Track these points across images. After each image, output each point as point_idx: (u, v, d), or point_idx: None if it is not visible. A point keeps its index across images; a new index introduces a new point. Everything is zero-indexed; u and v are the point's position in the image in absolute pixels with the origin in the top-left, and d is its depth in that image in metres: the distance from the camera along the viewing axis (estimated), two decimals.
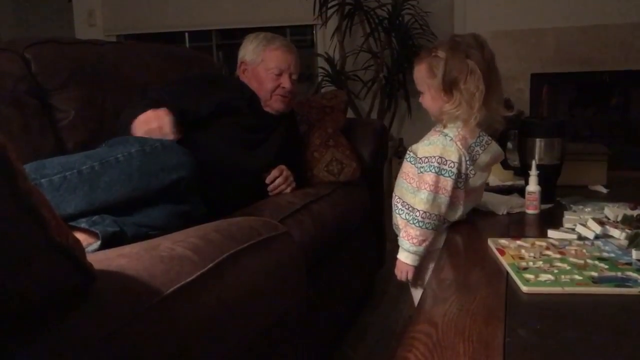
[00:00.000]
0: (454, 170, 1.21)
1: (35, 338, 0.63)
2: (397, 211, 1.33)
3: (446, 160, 1.21)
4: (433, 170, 1.21)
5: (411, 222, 1.23)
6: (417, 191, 1.24)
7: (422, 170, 1.24)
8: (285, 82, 1.73)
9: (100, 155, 1.16)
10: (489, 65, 1.23)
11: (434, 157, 1.22)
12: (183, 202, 1.24)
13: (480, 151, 1.26)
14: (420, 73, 1.30)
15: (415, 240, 1.22)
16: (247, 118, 1.67)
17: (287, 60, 1.74)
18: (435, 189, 1.21)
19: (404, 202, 1.31)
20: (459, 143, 1.23)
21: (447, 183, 1.21)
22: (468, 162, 1.24)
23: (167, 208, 1.19)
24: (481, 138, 1.26)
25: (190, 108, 1.55)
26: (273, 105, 1.75)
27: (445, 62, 1.22)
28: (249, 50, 1.77)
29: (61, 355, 0.63)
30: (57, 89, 1.52)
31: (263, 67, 1.73)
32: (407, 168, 1.31)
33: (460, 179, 1.24)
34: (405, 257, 1.24)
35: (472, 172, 1.25)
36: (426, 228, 1.21)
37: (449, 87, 1.23)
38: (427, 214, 1.20)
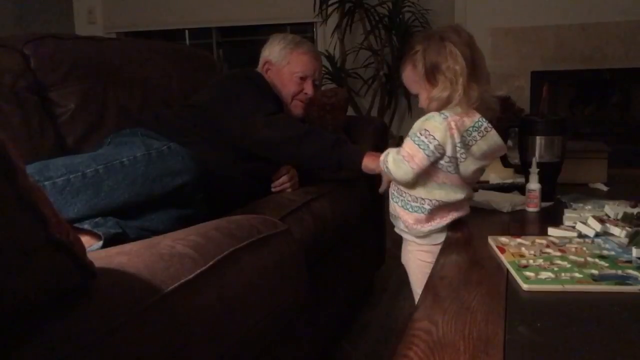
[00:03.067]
0: (431, 147, 1.18)
1: (35, 335, 0.63)
2: (393, 199, 1.32)
3: (428, 134, 1.19)
4: (412, 138, 1.21)
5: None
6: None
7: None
8: (308, 88, 1.72)
9: (105, 157, 1.15)
10: (469, 44, 1.22)
11: (421, 128, 1.21)
12: (186, 207, 1.23)
13: (478, 137, 1.21)
14: (407, 74, 1.29)
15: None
16: None
17: (313, 66, 1.74)
18: (405, 156, 1.20)
19: (399, 188, 1.30)
20: (452, 123, 1.19)
21: (419, 155, 1.19)
22: (458, 145, 1.20)
23: (170, 212, 1.19)
24: (480, 123, 1.21)
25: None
26: (292, 110, 1.74)
27: (424, 52, 1.23)
28: (275, 51, 1.75)
29: (61, 352, 0.62)
30: (57, 85, 1.52)
31: (288, 70, 1.72)
32: None
33: (449, 162, 1.21)
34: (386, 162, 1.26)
35: (463, 155, 1.21)
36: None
37: (432, 73, 1.22)
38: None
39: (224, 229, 1.05)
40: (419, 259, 1.30)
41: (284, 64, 1.73)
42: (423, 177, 1.23)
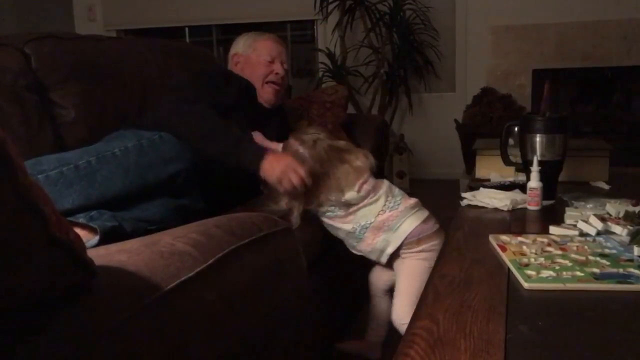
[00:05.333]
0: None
1: (36, 334, 0.62)
2: (353, 249, 1.50)
3: None
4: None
5: None
6: None
7: None
8: (278, 68, 1.78)
9: (97, 150, 1.16)
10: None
11: None
12: (181, 196, 1.24)
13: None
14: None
15: None
16: (245, 111, 1.68)
17: (277, 49, 1.81)
18: None
19: (346, 238, 1.50)
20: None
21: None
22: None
23: (165, 202, 1.19)
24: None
25: (221, 104, 1.58)
26: (264, 95, 1.77)
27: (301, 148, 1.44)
28: (239, 45, 1.85)
29: (61, 350, 0.62)
30: (57, 85, 1.52)
31: (255, 56, 1.79)
32: None
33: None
34: None
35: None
36: None
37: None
38: None
39: (224, 226, 1.05)
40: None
41: (250, 52, 1.81)
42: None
